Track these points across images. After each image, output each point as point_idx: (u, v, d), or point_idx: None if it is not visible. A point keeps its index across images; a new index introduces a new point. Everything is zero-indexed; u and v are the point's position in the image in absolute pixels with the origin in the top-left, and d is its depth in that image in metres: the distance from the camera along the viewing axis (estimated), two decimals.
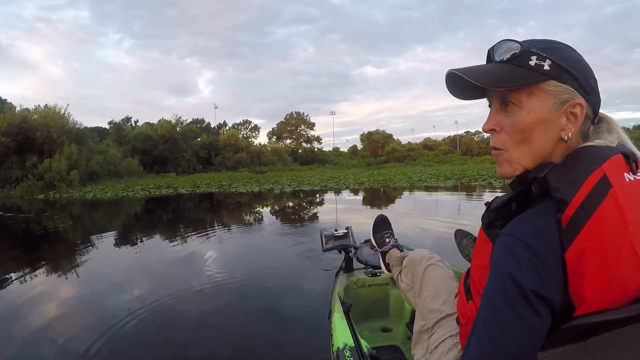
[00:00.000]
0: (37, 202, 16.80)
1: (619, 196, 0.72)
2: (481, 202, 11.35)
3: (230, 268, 5.10)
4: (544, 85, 0.80)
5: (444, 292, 1.42)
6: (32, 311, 3.78)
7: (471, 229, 1.86)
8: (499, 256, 0.75)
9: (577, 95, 0.80)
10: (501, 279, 0.72)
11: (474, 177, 22.38)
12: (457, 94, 0.93)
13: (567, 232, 0.71)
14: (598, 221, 0.70)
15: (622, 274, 0.70)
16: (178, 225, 9.52)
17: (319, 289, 3.92)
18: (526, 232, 0.74)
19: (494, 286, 0.74)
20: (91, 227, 9.77)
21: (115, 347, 2.91)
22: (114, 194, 19.18)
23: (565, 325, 0.71)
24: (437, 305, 1.39)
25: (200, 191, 19.67)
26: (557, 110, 0.81)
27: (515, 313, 0.69)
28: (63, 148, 25.40)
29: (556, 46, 0.83)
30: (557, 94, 0.80)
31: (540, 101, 0.81)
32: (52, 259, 6.26)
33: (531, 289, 0.69)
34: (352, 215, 9.82)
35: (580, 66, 0.82)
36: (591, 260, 0.69)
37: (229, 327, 3.26)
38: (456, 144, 78.75)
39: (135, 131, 43.00)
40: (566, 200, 0.73)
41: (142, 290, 4.29)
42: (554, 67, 0.80)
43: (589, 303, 0.70)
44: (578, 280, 0.70)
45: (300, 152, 61.13)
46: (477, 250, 0.93)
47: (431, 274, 1.53)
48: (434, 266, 1.57)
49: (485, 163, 50.25)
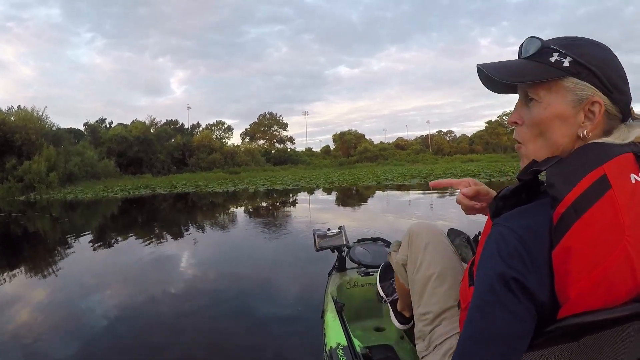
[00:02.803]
0: (18, 204, 17.11)
1: (618, 198, 0.70)
2: (444, 199, 12.47)
3: (211, 267, 5.23)
4: (563, 82, 0.81)
5: (449, 276, 1.30)
6: (2, 313, 3.74)
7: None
8: (490, 244, 0.77)
9: (597, 92, 0.79)
10: (488, 266, 0.74)
11: (440, 175, 23.20)
12: (490, 87, 0.95)
13: (557, 229, 0.71)
14: (587, 222, 0.69)
15: (611, 277, 0.68)
16: (159, 225, 9.78)
17: (311, 288, 3.88)
18: (520, 225, 0.74)
19: (481, 273, 0.76)
20: (72, 227, 9.75)
21: (88, 350, 2.91)
22: (94, 194, 19.62)
23: (558, 325, 0.71)
24: (443, 289, 1.28)
25: (177, 191, 20.34)
26: (575, 106, 0.81)
27: (498, 299, 0.71)
28: (42, 150, 25.88)
29: (580, 43, 0.83)
30: (576, 90, 0.80)
31: (559, 97, 0.82)
32: (30, 258, 6.32)
33: (513, 277, 0.70)
34: (324, 214, 10.23)
35: (604, 63, 0.80)
36: (577, 260, 0.69)
37: (208, 326, 3.28)
38: (428, 143, 79.42)
39: (110, 132, 43.37)
40: (558, 197, 0.73)
41: (118, 291, 4.32)
42: (573, 64, 0.80)
43: (572, 303, 0.70)
44: (562, 279, 0.70)
45: (273, 153, 61.48)
46: (483, 238, 0.89)
47: (434, 252, 1.37)
48: (438, 242, 1.40)
49: (455, 162, 51.14)
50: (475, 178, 1.20)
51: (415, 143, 78.88)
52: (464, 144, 73.63)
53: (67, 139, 31.76)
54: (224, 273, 4.96)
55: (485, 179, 18.91)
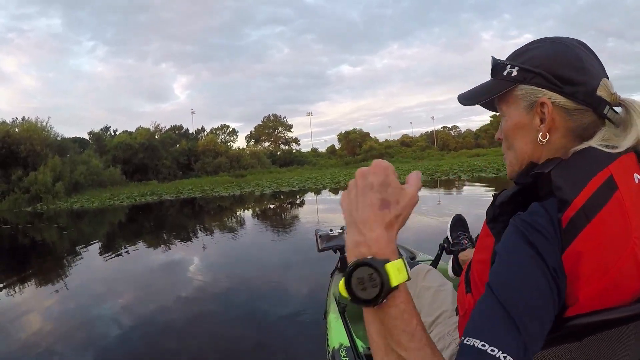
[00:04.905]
0: (25, 215, 17.21)
1: (625, 200, 0.69)
2: (451, 195, 12.46)
3: (220, 272, 5.27)
4: (515, 91, 0.82)
5: (439, 306, 1.40)
6: (16, 322, 3.81)
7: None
8: (514, 235, 0.71)
9: (545, 92, 0.79)
10: (521, 252, 0.68)
11: (446, 171, 23.20)
12: (486, 108, 0.96)
13: (566, 233, 0.69)
14: (598, 226, 0.67)
15: (619, 280, 0.67)
16: (166, 231, 9.79)
17: (313, 289, 3.93)
18: (541, 220, 0.70)
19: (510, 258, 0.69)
20: (80, 237, 9.78)
21: (100, 358, 2.99)
22: (100, 203, 19.74)
23: (564, 324, 0.70)
24: (438, 300, 1.42)
25: (184, 197, 20.35)
26: (528, 112, 0.81)
27: (537, 281, 0.65)
28: (47, 160, 25.99)
29: (528, 48, 0.84)
30: (525, 96, 0.81)
31: (514, 107, 0.84)
32: (41, 269, 6.35)
33: (553, 266, 0.66)
34: (333, 214, 10.03)
35: (550, 61, 0.79)
36: (587, 264, 0.67)
37: (218, 331, 3.31)
38: (433, 140, 78.67)
39: (115, 140, 43.44)
40: (568, 200, 0.70)
41: (129, 299, 4.36)
42: (520, 72, 0.81)
43: (581, 305, 0.68)
44: (572, 283, 0.68)
45: (278, 154, 61.52)
46: (479, 245, 0.90)
47: (425, 295, 1.49)
48: (427, 288, 1.51)
49: (461, 157, 50.91)
50: (482, 173, 1.05)
51: (421, 139, 78.34)
52: (470, 139, 72.89)
53: (72, 148, 31.96)
54: (233, 278, 4.96)
55: (492, 174, 18.75)
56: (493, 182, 15.71)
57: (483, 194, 12.18)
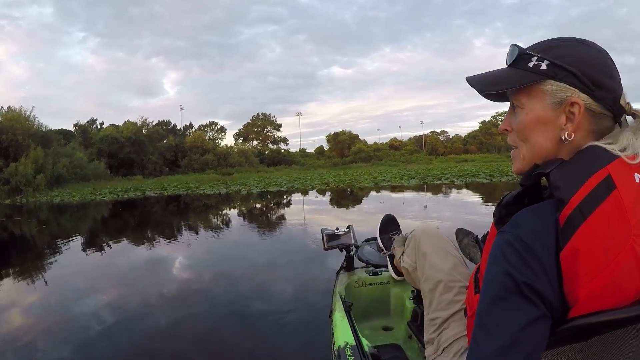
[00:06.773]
0: (4, 207, 16.81)
1: (623, 198, 0.70)
2: (446, 199, 12.38)
3: (218, 270, 5.20)
4: (541, 86, 0.81)
5: (455, 282, 1.37)
6: None
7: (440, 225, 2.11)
8: (496, 252, 0.75)
9: (576, 92, 0.78)
10: (498, 272, 0.72)
11: (437, 176, 23.28)
12: (486, 96, 0.95)
13: (563, 232, 0.71)
14: (594, 223, 0.69)
15: (619, 277, 0.68)
16: (149, 229, 9.63)
17: (319, 288, 3.94)
18: (525, 231, 0.73)
19: (489, 277, 0.74)
20: (59, 232, 9.61)
21: (83, 358, 2.91)
22: (81, 197, 19.30)
23: (566, 325, 0.71)
24: (450, 296, 1.35)
25: (168, 194, 19.96)
26: (554, 109, 0.80)
27: (509, 302, 0.69)
28: (29, 151, 25.35)
29: (559, 44, 0.82)
30: (554, 93, 0.80)
31: (538, 101, 0.82)
32: (18, 265, 6.18)
33: (523, 281, 0.68)
34: (321, 215, 10.13)
35: (584, 62, 0.79)
36: (585, 262, 0.68)
37: (222, 329, 3.29)
38: (422, 144, 79.65)
39: (101, 133, 42.66)
40: (564, 199, 0.72)
41: (111, 296, 4.26)
42: (550, 67, 0.79)
43: (582, 304, 0.69)
44: (572, 282, 0.69)
45: (267, 154, 61.24)
46: (487, 246, 0.92)
47: (439, 259, 1.45)
48: (442, 248, 1.50)
49: (449, 162, 51.56)
50: (475, 178, 0.90)
51: (409, 143, 79.31)
52: (458, 144, 73.80)
53: (56, 140, 31.03)
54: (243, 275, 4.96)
55: (485, 179, 18.89)
56: (489, 187, 15.75)
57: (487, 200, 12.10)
